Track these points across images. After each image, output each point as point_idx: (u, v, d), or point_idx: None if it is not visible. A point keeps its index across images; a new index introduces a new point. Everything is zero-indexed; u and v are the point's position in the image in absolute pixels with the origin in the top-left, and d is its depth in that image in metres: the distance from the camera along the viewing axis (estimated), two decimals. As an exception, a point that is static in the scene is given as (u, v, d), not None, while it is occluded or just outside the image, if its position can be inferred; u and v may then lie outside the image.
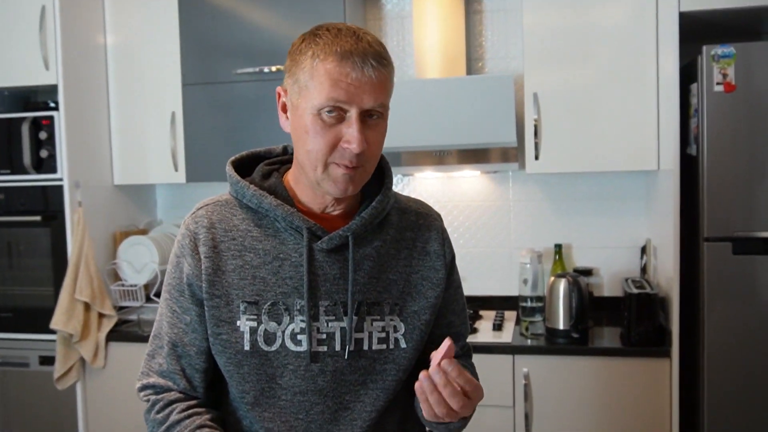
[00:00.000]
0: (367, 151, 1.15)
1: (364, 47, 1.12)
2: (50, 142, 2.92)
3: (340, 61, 1.11)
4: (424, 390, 1.08)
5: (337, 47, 1.12)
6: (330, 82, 1.11)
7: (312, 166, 1.17)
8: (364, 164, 1.17)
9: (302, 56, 1.15)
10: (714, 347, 2.37)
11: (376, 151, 1.19)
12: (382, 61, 1.14)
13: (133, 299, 3.14)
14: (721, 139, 2.34)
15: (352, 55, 1.11)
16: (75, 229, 2.91)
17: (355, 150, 1.13)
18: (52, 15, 2.88)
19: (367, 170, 1.20)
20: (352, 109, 1.12)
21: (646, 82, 2.68)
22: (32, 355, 2.98)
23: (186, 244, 1.23)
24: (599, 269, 3.11)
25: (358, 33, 1.14)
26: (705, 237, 2.37)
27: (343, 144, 1.13)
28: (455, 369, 1.08)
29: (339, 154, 1.14)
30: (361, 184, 1.21)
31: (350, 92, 1.11)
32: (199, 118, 3.07)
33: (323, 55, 1.12)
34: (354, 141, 1.12)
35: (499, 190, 3.20)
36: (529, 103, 2.78)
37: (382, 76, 1.14)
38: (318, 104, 1.12)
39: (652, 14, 2.66)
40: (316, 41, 1.14)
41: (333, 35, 1.13)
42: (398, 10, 3.26)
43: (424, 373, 1.08)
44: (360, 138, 1.12)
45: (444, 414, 1.09)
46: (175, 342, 1.25)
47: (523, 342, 2.68)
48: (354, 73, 1.11)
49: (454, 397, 1.08)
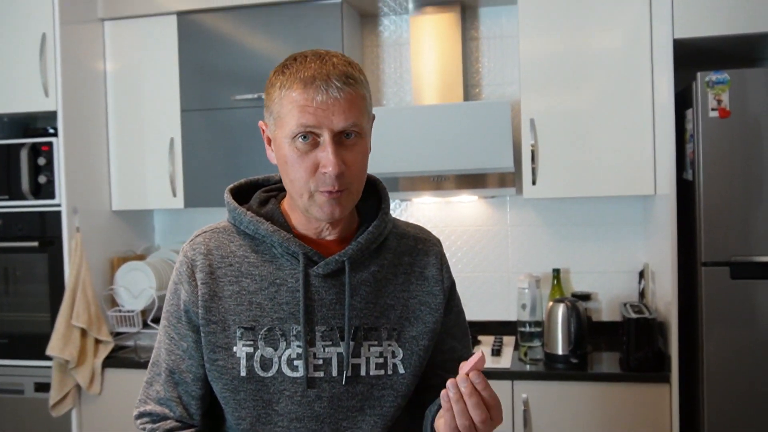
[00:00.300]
0: (348, 172, 1.15)
1: (328, 69, 1.13)
2: (49, 167, 2.93)
3: (305, 87, 1.12)
4: (450, 398, 1.07)
5: (301, 74, 1.13)
6: (298, 108, 1.12)
7: (298, 194, 1.17)
8: (348, 186, 1.16)
9: (273, 89, 1.17)
10: (713, 372, 2.36)
11: (359, 171, 1.18)
12: (348, 81, 1.13)
13: (130, 325, 3.13)
14: (717, 164, 2.35)
15: (315, 79, 1.12)
16: (72, 254, 2.90)
17: (332, 173, 1.12)
18: (53, 42, 2.91)
19: (353, 192, 1.19)
20: (324, 132, 1.13)
21: (642, 107, 2.70)
22: (27, 382, 2.96)
23: (183, 271, 1.24)
24: (597, 294, 3.11)
25: (324, 57, 1.15)
26: (702, 262, 2.37)
27: (321, 169, 1.14)
28: (482, 381, 1.07)
29: (320, 180, 1.14)
30: (349, 206, 1.20)
31: (318, 116, 1.12)
32: (198, 143, 3.08)
33: (289, 83, 1.13)
34: (329, 164, 1.12)
35: (496, 215, 3.20)
36: (525, 128, 2.80)
37: (350, 96, 1.13)
38: (290, 132, 1.13)
39: (646, 41, 2.69)
40: (283, 72, 1.16)
41: (299, 63, 1.14)
42: (396, 37, 3.30)
43: (452, 381, 1.07)
44: (335, 160, 1.12)
45: (464, 426, 1.07)
46: (173, 369, 1.24)
47: (522, 367, 2.67)
48: (319, 96, 1.11)
49: (477, 408, 1.06)
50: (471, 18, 3.21)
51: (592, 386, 2.55)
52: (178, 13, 3.08)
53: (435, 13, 3.02)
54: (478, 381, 1.07)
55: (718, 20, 2.42)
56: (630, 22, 2.70)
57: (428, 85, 3.01)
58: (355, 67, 1.17)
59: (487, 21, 3.20)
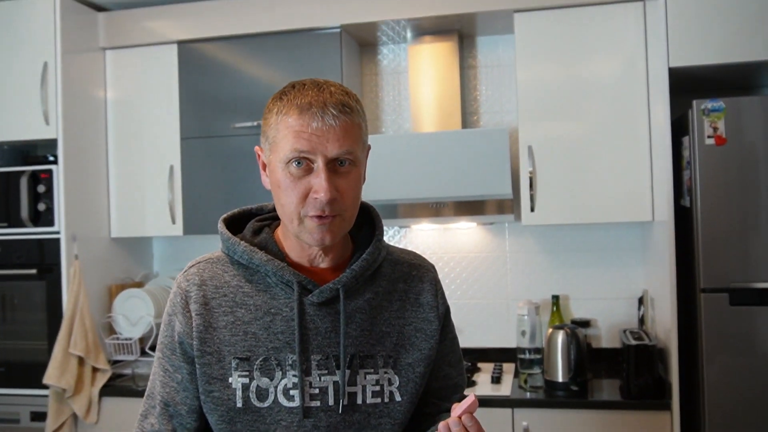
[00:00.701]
0: (340, 199, 1.16)
1: (325, 97, 1.15)
2: (48, 195, 2.94)
3: (301, 113, 1.14)
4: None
5: (298, 100, 1.15)
6: (293, 134, 1.14)
7: (289, 220, 1.18)
8: (340, 213, 1.17)
9: (270, 114, 1.19)
10: (714, 399, 2.35)
11: (351, 199, 1.19)
12: (345, 109, 1.15)
13: (128, 353, 3.11)
14: (715, 190, 2.36)
15: (311, 106, 1.14)
16: (71, 282, 2.90)
17: (323, 199, 1.13)
18: (54, 71, 2.93)
19: (346, 219, 1.20)
20: (318, 158, 1.14)
21: (639, 135, 2.72)
22: (23, 411, 2.93)
23: (177, 302, 1.23)
24: (597, 320, 3.10)
25: (322, 85, 1.17)
26: (701, 288, 2.37)
27: (312, 194, 1.15)
28: (475, 425, 1.08)
29: (311, 205, 1.15)
30: (340, 233, 1.20)
31: (313, 142, 1.13)
32: (198, 171, 3.09)
33: (285, 109, 1.15)
34: (321, 190, 1.13)
35: (495, 242, 3.20)
36: (524, 155, 2.81)
37: (345, 124, 1.15)
38: (284, 157, 1.15)
39: (642, 69, 2.71)
40: (281, 98, 1.18)
41: (297, 90, 1.17)
42: (394, 65, 3.32)
43: (444, 424, 1.08)
44: (327, 186, 1.13)
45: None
46: (167, 401, 1.24)
47: (522, 395, 2.65)
48: (315, 123, 1.13)
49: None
50: (469, 47, 3.24)
51: (593, 414, 2.53)
52: (179, 42, 3.11)
53: (433, 42, 3.06)
54: (471, 425, 1.08)
55: (712, 49, 2.45)
56: (626, 51, 2.73)
57: (427, 112, 3.04)
58: (352, 97, 1.19)
59: (485, 50, 3.23)
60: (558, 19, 2.79)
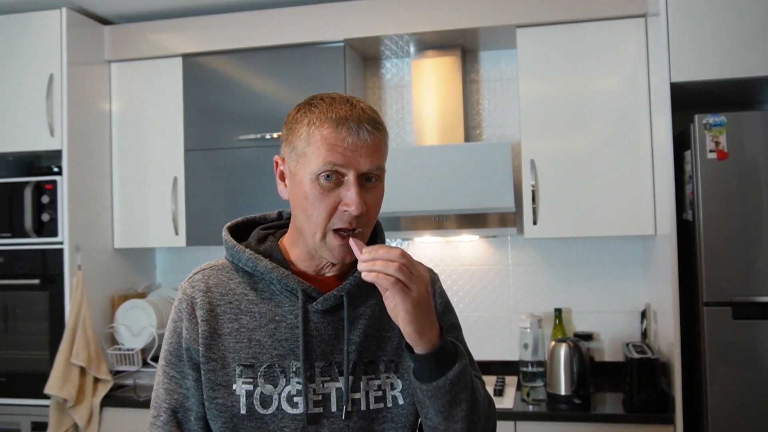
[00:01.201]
0: (365, 213, 1.17)
1: (359, 113, 1.16)
2: (52, 206, 2.95)
3: (336, 126, 1.14)
4: (368, 277, 1.07)
5: (332, 114, 1.15)
6: (327, 147, 1.14)
7: (311, 232, 1.18)
8: (362, 228, 1.19)
9: (298, 125, 1.18)
10: (718, 412, 2.34)
11: (374, 213, 1.21)
12: (377, 126, 1.17)
13: (129, 363, 3.11)
14: (716, 204, 2.37)
15: (347, 120, 1.15)
16: (74, 292, 2.90)
17: (354, 212, 1.14)
18: (60, 83, 2.95)
19: (365, 234, 1.21)
20: (350, 172, 1.15)
21: (641, 149, 2.73)
22: (24, 421, 2.93)
23: (183, 309, 1.24)
24: (599, 334, 3.09)
25: (352, 100, 1.19)
26: (704, 302, 2.37)
27: (342, 207, 1.15)
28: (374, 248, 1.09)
29: (338, 217, 1.16)
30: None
31: (347, 156, 1.14)
32: (201, 183, 3.11)
33: (319, 122, 1.15)
34: (353, 204, 1.14)
35: (497, 255, 3.21)
36: (526, 169, 2.82)
37: (377, 140, 1.17)
38: (316, 169, 1.15)
39: (644, 84, 2.73)
40: (311, 110, 1.18)
41: (327, 104, 1.17)
42: (397, 79, 3.35)
43: (360, 267, 1.09)
44: (359, 201, 1.14)
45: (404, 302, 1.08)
46: (175, 408, 1.23)
47: (525, 408, 2.64)
48: (350, 138, 1.14)
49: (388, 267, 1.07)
50: (471, 61, 3.26)
51: (596, 427, 2.52)
52: (184, 55, 3.13)
53: (436, 56, 3.08)
54: (369, 249, 1.10)
55: (714, 64, 2.46)
56: (627, 65, 2.75)
57: (429, 126, 3.05)
58: (379, 116, 1.21)
59: (487, 64, 3.25)
60: (560, 35, 2.82)
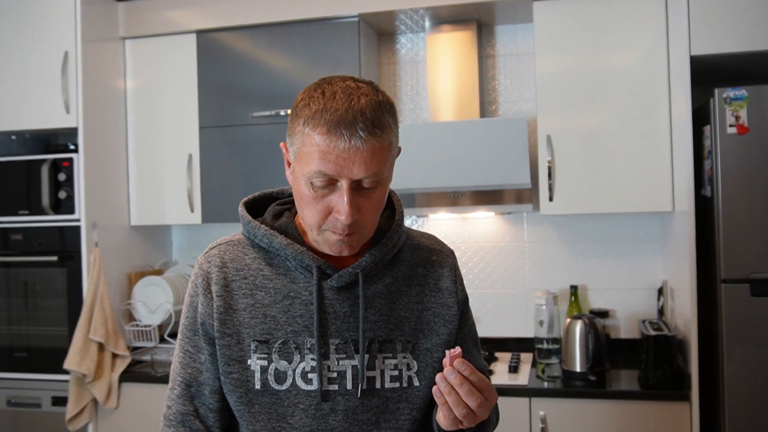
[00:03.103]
0: (361, 218, 1.15)
1: (354, 115, 1.08)
2: (69, 183, 2.96)
3: (328, 132, 1.08)
4: (442, 392, 1.08)
5: (327, 115, 1.08)
6: (318, 153, 1.09)
7: (308, 228, 1.18)
8: (359, 230, 1.17)
9: (297, 120, 1.13)
10: (734, 390, 2.33)
11: (373, 216, 1.18)
12: (374, 130, 1.09)
13: (147, 339, 3.14)
14: (736, 180, 2.33)
15: (339, 126, 1.08)
16: (91, 269, 2.93)
17: (344, 221, 1.12)
18: (75, 60, 2.95)
19: (365, 234, 1.19)
20: (342, 180, 1.11)
21: (659, 124, 2.69)
22: (45, 396, 2.98)
23: (199, 284, 1.24)
24: (615, 311, 3.08)
25: (353, 95, 1.10)
26: (722, 279, 2.35)
27: (334, 214, 1.13)
28: (468, 368, 1.08)
29: (331, 223, 1.14)
30: (359, 245, 1.20)
31: (338, 164, 1.09)
32: (216, 160, 3.11)
33: (312, 124, 1.10)
34: (343, 213, 1.11)
35: (513, 232, 3.19)
36: (542, 145, 2.79)
37: (372, 146, 1.10)
38: (309, 173, 1.11)
39: (663, 58, 2.68)
40: (309, 106, 1.11)
41: (326, 99, 1.10)
42: (412, 54, 3.31)
43: (440, 375, 1.08)
44: (349, 210, 1.11)
45: (463, 415, 1.09)
46: (189, 382, 1.25)
47: (540, 384, 2.64)
48: (341, 144, 1.08)
49: (471, 395, 1.08)
50: (487, 36, 3.22)
51: (611, 404, 2.52)
52: (198, 31, 3.12)
53: (451, 31, 3.04)
54: (464, 368, 1.08)
55: (735, 37, 2.42)
56: (646, 39, 2.70)
57: (445, 102, 3.03)
58: (384, 108, 1.13)
59: (503, 39, 3.21)
60: (578, 8, 2.77)
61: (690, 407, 2.44)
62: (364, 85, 1.14)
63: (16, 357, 3.02)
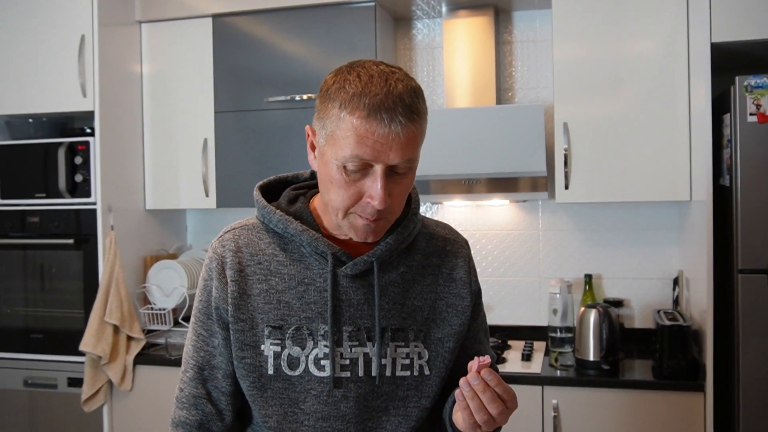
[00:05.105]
0: (391, 203, 1.14)
1: (394, 100, 1.07)
2: (85, 167, 2.98)
3: (367, 117, 1.07)
4: (465, 396, 1.09)
5: (366, 99, 1.07)
6: (356, 137, 1.08)
7: (333, 212, 1.17)
8: (386, 216, 1.17)
9: (331, 103, 1.11)
10: (750, 382, 2.31)
11: (400, 203, 1.18)
12: (412, 116, 1.09)
13: (161, 323, 3.17)
14: (755, 169, 2.30)
15: (379, 110, 1.07)
16: (106, 252, 2.95)
17: (377, 206, 1.11)
18: (91, 44, 2.96)
19: (390, 220, 1.19)
20: (377, 165, 1.10)
21: (678, 112, 2.66)
22: (61, 377, 3.01)
23: (213, 268, 1.24)
24: (630, 300, 3.06)
25: (390, 80, 1.09)
26: (739, 269, 2.32)
27: (365, 198, 1.13)
28: (494, 377, 1.09)
29: (361, 207, 1.14)
30: (383, 231, 1.20)
31: (376, 149, 1.08)
32: (231, 144, 3.11)
33: (351, 107, 1.08)
34: (377, 198, 1.11)
35: (528, 220, 3.18)
36: (559, 132, 2.77)
37: (410, 132, 1.09)
38: (343, 157, 1.10)
39: (683, 45, 2.64)
40: (345, 89, 1.09)
41: (363, 83, 1.09)
42: (429, 40, 3.29)
43: (464, 380, 1.09)
44: (383, 196, 1.10)
45: (483, 421, 1.09)
46: (202, 365, 1.25)
47: (553, 373, 2.64)
48: (381, 130, 1.07)
49: (493, 402, 1.08)
50: (504, 22, 3.19)
51: (624, 393, 2.52)
52: (213, 15, 3.11)
53: (468, 16, 3.01)
54: (490, 378, 1.08)
55: (758, 23, 2.37)
56: (666, 26, 2.66)
57: (461, 88, 3.01)
58: (419, 94, 1.13)
59: (521, 25, 3.18)
60: (597, -7, 2.74)
61: (704, 398, 2.43)
62: (397, 70, 1.13)
63: (32, 338, 3.06)
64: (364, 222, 1.15)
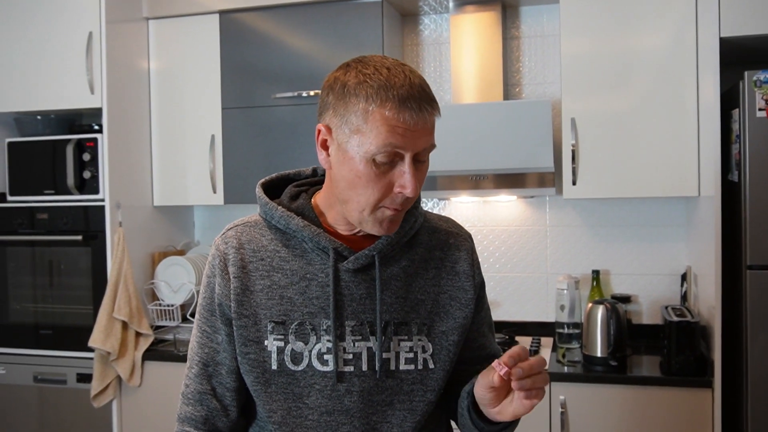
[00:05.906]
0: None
1: (418, 90, 1.11)
2: (93, 163, 2.99)
3: (399, 106, 1.09)
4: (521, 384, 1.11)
5: (393, 91, 1.09)
6: (387, 128, 1.09)
7: (359, 208, 1.16)
8: (409, 206, 1.19)
9: (355, 98, 1.11)
10: (758, 378, 2.30)
11: (419, 190, 1.19)
12: (433, 104, 1.13)
13: (169, 319, 3.18)
14: (764, 165, 2.29)
15: (409, 100, 1.09)
16: (115, 248, 2.96)
17: (409, 195, 1.12)
18: (99, 41, 2.97)
19: (408, 209, 1.22)
20: (407, 153, 1.12)
21: (687, 107, 2.64)
22: (70, 373, 3.03)
23: (216, 265, 1.25)
24: (638, 296, 3.05)
25: (406, 72, 1.12)
26: (748, 265, 2.31)
27: (396, 189, 1.13)
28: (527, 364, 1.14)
29: (390, 199, 1.14)
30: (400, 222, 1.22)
31: (407, 137, 1.10)
32: (238, 141, 3.12)
33: (380, 100, 1.09)
34: (409, 186, 1.12)
35: (535, 215, 3.17)
36: (566, 128, 2.76)
37: (432, 119, 1.14)
38: (374, 150, 1.10)
39: (692, 40, 2.63)
40: (367, 82, 1.10)
41: (385, 76, 1.10)
42: (436, 36, 3.29)
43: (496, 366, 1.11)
44: (414, 183, 1.12)
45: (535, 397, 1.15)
46: (206, 362, 1.26)
47: (560, 369, 2.63)
48: (412, 119, 1.09)
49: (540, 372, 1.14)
50: (512, 17, 3.18)
51: (632, 390, 2.51)
52: (221, 12, 3.12)
53: (475, 12, 3.01)
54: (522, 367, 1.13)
55: (767, 18, 2.35)
56: (675, 20, 2.65)
57: (468, 83, 3.00)
58: (430, 88, 1.17)
59: (528, 20, 3.17)
60: (605, -12, 2.72)
61: (712, 394, 2.42)
62: (401, 63, 1.16)
63: (41, 334, 3.08)
64: (391, 213, 1.16)
